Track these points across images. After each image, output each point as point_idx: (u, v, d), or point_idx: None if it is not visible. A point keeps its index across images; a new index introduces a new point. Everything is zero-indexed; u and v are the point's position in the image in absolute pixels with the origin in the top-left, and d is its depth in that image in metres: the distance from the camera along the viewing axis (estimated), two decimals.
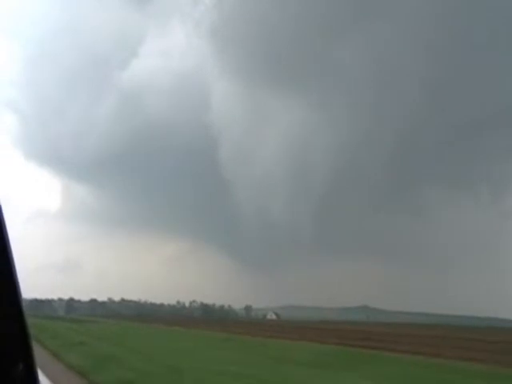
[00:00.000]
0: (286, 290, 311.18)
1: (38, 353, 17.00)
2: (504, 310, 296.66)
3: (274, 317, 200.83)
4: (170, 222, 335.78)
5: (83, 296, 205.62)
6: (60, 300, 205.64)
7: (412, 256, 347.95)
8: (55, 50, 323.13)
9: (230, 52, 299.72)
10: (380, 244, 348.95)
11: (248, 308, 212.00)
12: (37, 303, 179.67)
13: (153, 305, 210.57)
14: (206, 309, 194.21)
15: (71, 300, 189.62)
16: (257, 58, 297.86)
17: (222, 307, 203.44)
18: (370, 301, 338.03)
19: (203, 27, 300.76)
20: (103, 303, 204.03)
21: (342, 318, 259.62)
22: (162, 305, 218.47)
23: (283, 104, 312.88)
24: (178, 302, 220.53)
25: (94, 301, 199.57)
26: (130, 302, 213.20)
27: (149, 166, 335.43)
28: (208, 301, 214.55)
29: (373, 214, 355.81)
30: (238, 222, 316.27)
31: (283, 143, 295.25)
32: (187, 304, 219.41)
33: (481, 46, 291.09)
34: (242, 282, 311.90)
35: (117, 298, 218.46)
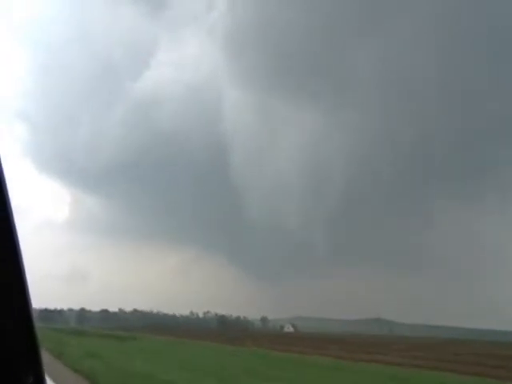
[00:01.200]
0: (297, 301, 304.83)
1: None
2: None
3: (291, 329, 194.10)
4: (177, 232, 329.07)
5: (93, 306, 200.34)
6: (70, 310, 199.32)
7: (425, 267, 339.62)
8: (67, 59, 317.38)
9: (244, 58, 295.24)
10: (393, 254, 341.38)
11: (264, 319, 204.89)
12: (47, 313, 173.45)
13: (166, 315, 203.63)
14: (223, 320, 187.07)
15: (83, 310, 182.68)
16: (271, 64, 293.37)
17: (237, 318, 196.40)
18: (383, 313, 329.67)
19: (217, 33, 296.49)
20: (115, 314, 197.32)
21: (356, 331, 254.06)
22: (174, 316, 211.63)
23: (296, 111, 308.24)
24: (192, 313, 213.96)
25: (105, 311, 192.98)
26: (142, 312, 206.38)
27: (158, 177, 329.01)
28: (220, 311, 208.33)
29: (386, 223, 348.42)
30: (247, 232, 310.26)
31: (295, 152, 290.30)
32: (201, 315, 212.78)
33: (499, 53, 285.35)
34: (251, 292, 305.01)
35: (128, 309, 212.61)
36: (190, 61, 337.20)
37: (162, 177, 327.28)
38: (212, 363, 23.87)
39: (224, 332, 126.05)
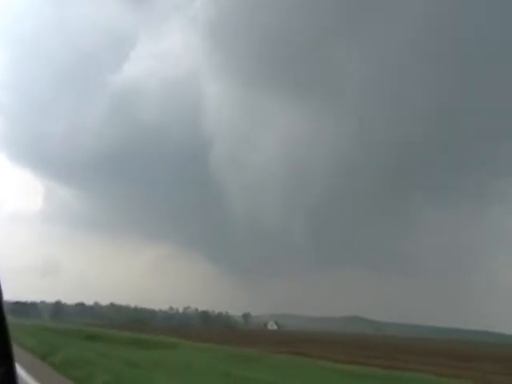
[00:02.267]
0: (278, 299, 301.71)
1: None
2: (497, 323, 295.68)
3: (275, 326, 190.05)
4: (156, 226, 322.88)
5: (67, 299, 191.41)
6: (43, 303, 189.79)
7: (403, 267, 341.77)
8: (44, 49, 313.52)
9: (227, 51, 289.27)
10: (372, 254, 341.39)
11: (246, 316, 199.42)
12: (19, 306, 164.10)
13: (144, 310, 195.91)
14: (205, 316, 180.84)
15: (58, 303, 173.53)
16: (254, 57, 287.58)
17: (219, 314, 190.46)
18: (362, 311, 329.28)
19: (198, 24, 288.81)
20: (91, 307, 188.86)
21: (335, 329, 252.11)
22: (153, 311, 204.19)
23: (280, 107, 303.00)
24: (171, 308, 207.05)
25: (81, 304, 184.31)
26: (120, 307, 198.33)
27: (136, 171, 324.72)
28: (200, 307, 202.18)
29: (366, 224, 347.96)
30: (229, 229, 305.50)
31: (279, 148, 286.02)
32: (181, 310, 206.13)
33: (488, 58, 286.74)
34: (230, 288, 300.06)
35: (104, 303, 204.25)
36: (170, 52, 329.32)
37: (139, 170, 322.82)
38: None
39: (213, 330, 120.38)
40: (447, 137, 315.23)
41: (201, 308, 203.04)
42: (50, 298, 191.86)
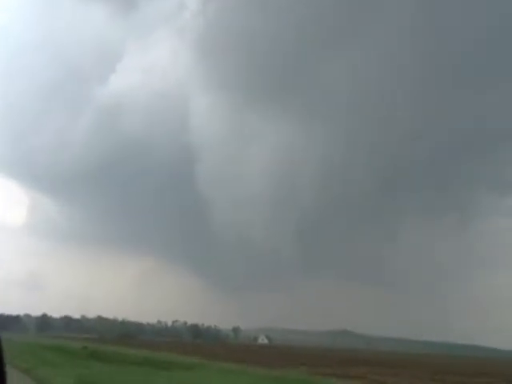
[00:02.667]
0: (265, 313, 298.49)
1: None
2: (481, 336, 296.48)
3: (265, 341, 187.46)
4: (141, 239, 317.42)
5: (52, 312, 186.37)
6: (27, 316, 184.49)
7: (389, 281, 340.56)
8: (31, 62, 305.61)
9: (215, 63, 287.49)
10: (358, 268, 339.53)
11: (236, 330, 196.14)
12: (3, 319, 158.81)
13: (132, 323, 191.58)
14: (196, 330, 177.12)
15: (45, 316, 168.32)
16: (243, 70, 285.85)
17: (209, 328, 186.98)
18: (349, 325, 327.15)
19: (187, 35, 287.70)
20: (78, 321, 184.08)
21: (324, 343, 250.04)
22: (141, 324, 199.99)
23: (268, 119, 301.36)
24: (159, 322, 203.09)
25: (68, 318, 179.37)
26: (107, 320, 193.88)
27: (122, 184, 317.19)
28: (188, 320, 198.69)
29: (352, 238, 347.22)
30: (215, 243, 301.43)
31: (266, 162, 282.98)
32: (169, 323, 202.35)
33: (464, 73, 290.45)
34: (217, 303, 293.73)
35: (91, 315, 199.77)
36: (157, 65, 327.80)
37: (125, 184, 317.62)
38: None
39: (209, 345, 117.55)
40: (432, 150, 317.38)
41: (189, 321, 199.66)
42: (34, 311, 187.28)
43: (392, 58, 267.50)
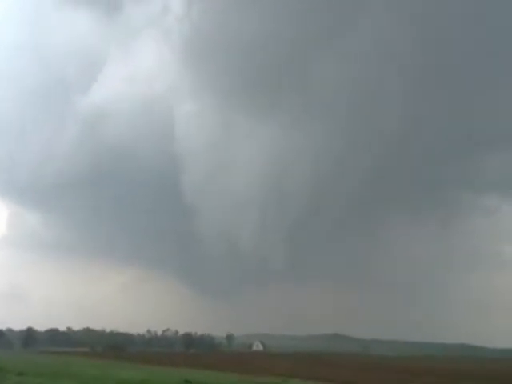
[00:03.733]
0: (255, 320, 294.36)
1: None
2: (478, 336, 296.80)
3: (260, 347, 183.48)
4: (127, 249, 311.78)
5: (36, 326, 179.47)
6: (9, 330, 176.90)
7: (378, 283, 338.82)
8: (13, 72, 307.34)
9: (200, 68, 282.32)
10: (346, 271, 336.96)
11: (230, 337, 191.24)
12: None
13: (121, 334, 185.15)
14: (188, 339, 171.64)
15: (30, 330, 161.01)
16: (230, 74, 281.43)
17: (202, 336, 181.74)
18: (341, 329, 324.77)
19: (172, 40, 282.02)
20: (64, 333, 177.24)
21: (316, 347, 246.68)
22: (130, 335, 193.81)
23: (258, 125, 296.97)
24: (149, 331, 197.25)
25: (54, 330, 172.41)
26: (95, 331, 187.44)
27: (106, 194, 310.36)
28: (178, 329, 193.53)
29: (341, 241, 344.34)
30: (203, 251, 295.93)
31: (255, 169, 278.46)
32: (159, 333, 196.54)
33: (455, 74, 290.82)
34: (206, 311, 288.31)
35: (76, 327, 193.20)
36: (142, 71, 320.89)
37: (109, 194, 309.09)
38: None
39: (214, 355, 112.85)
40: (422, 152, 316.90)
41: (180, 330, 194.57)
42: (17, 325, 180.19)
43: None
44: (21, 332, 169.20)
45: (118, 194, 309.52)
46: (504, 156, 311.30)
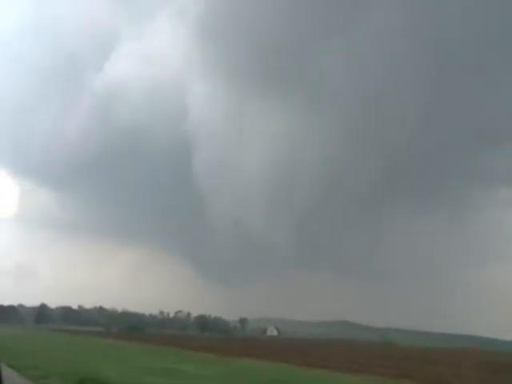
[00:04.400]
0: (262, 303, 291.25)
1: None
2: (481, 327, 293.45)
3: (275, 332, 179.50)
4: (133, 230, 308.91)
5: (49, 303, 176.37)
6: (21, 306, 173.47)
7: (383, 271, 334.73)
8: (24, 50, 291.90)
9: (214, 49, 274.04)
10: (353, 259, 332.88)
11: (243, 321, 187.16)
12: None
13: (132, 314, 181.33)
14: (202, 322, 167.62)
15: (43, 307, 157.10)
16: (244, 54, 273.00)
17: (216, 319, 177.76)
18: (348, 315, 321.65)
19: (186, 19, 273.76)
20: (76, 311, 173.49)
21: (323, 333, 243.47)
22: (142, 315, 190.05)
23: (269, 107, 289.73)
24: (161, 313, 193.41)
25: (65, 308, 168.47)
26: (106, 311, 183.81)
27: (120, 173, 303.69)
28: (191, 311, 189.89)
29: (348, 228, 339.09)
30: (209, 233, 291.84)
31: (265, 150, 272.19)
32: (171, 314, 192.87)
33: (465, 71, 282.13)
34: (213, 293, 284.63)
35: (88, 306, 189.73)
36: (155, 51, 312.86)
37: (122, 173, 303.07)
38: None
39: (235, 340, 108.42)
40: (427, 144, 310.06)
41: (193, 312, 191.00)
42: (29, 301, 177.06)
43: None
44: (32, 308, 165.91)
45: (130, 173, 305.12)
46: None
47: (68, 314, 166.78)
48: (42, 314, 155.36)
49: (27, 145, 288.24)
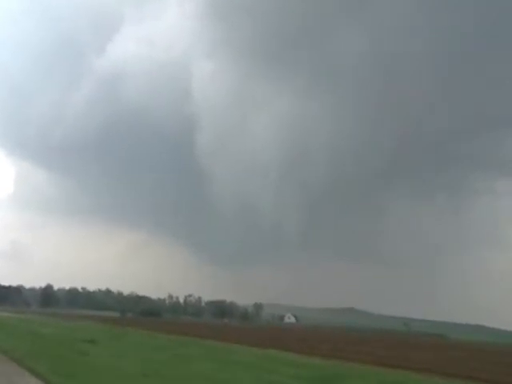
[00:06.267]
0: (266, 288, 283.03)
1: None
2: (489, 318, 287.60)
3: (292, 319, 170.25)
4: (133, 213, 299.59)
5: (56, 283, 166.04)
6: (25, 288, 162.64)
7: (388, 259, 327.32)
8: (25, 31, 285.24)
9: (218, 30, 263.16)
10: (365, 246, 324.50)
11: (258, 306, 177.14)
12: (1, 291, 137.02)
13: (143, 298, 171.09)
14: (219, 307, 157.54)
15: (49, 288, 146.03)
16: (249, 37, 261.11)
17: (232, 304, 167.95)
18: (357, 303, 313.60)
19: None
20: (83, 294, 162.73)
21: (331, 321, 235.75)
22: (149, 298, 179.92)
23: (276, 90, 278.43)
24: (170, 296, 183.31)
25: (73, 290, 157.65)
26: (113, 293, 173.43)
27: (120, 155, 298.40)
28: (200, 294, 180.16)
29: (352, 214, 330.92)
30: (213, 216, 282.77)
31: (270, 133, 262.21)
32: (181, 299, 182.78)
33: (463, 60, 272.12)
34: (219, 278, 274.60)
35: (91, 288, 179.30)
36: (160, 31, 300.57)
37: (122, 155, 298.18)
38: None
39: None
40: (427, 132, 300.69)
41: (205, 297, 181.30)
42: (28, 282, 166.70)
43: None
44: (31, 290, 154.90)
45: (130, 155, 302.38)
46: None
47: (75, 297, 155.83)
48: (47, 296, 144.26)
49: (25, 125, 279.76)
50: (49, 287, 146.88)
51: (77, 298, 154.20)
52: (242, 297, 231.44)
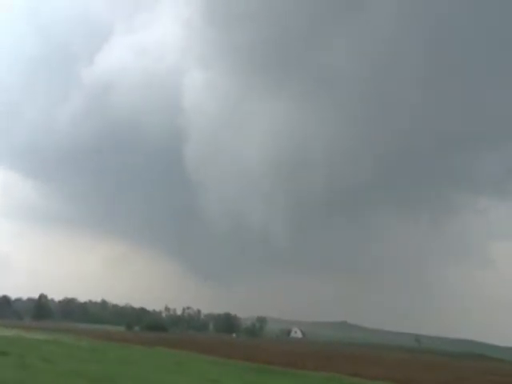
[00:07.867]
0: (259, 303, 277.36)
1: None
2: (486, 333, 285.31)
3: (299, 334, 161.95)
4: (119, 223, 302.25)
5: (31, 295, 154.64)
6: (18, 299, 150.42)
7: (375, 274, 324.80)
8: (15, 39, 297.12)
9: (209, 37, 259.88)
10: (347, 261, 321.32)
11: (262, 320, 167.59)
12: None
13: (139, 310, 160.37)
14: (226, 321, 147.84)
15: (43, 297, 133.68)
16: (243, 43, 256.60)
17: (236, 318, 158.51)
18: (349, 317, 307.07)
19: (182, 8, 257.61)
20: (79, 305, 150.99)
21: (323, 334, 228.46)
22: (145, 310, 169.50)
23: (267, 97, 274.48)
24: (167, 309, 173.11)
25: (69, 301, 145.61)
26: (108, 305, 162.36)
27: (108, 165, 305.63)
28: (197, 307, 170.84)
29: (339, 229, 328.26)
30: (201, 227, 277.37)
31: (260, 141, 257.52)
32: (178, 311, 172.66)
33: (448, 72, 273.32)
34: (205, 290, 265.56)
35: (82, 299, 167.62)
36: (150, 40, 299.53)
37: (110, 165, 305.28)
38: None
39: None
40: (413, 149, 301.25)
41: (203, 310, 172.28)
42: (14, 293, 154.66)
43: None
44: (20, 301, 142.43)
45: (119, 166, 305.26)
46: None
47: (69, 309, 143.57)
48: (41, 307, 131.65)
49: (13, 134, 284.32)
50: (42, 297, 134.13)
51: (71, 310, 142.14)
52: (236, 310, 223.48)
